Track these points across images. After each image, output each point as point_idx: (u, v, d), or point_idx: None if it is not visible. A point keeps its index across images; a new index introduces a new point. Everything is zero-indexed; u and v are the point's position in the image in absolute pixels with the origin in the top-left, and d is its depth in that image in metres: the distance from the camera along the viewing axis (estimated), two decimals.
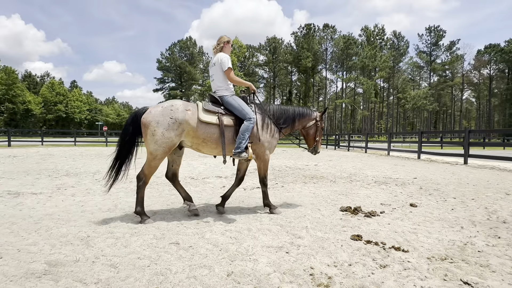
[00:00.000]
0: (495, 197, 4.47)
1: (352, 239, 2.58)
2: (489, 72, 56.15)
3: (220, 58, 3.33)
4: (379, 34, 57.64)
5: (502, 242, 2.57)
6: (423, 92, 54.62)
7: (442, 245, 2.49)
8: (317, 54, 55.24)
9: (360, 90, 58.38)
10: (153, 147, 2.98)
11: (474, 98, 63.38)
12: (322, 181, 5.98)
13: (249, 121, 3.21)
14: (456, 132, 38.68)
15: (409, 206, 3.86)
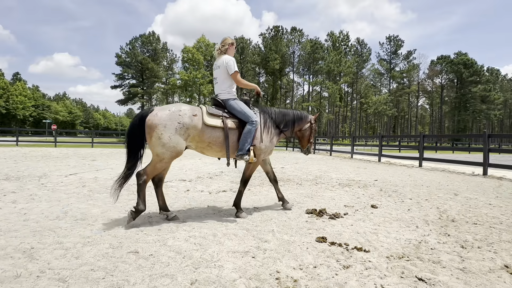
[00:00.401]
0: (446, 198, 4.92)
1: (317, 241, 2.67)
2: (440, 81, 61.87)
3: (226, 61, 3.38)
4: (344, 40, 60.67)
5: (451, 239, 2.83)
6: (384, 98, 58.50)
7: (400, 244, 2.67)
8: (285, 56, 56.51)
9: (326, 94, 60.81)
10: (160, 150, 3.00)
11: (428, 105, 69.35)
12: (289, 183, 6.11)
13: (252, 124, 3.34)
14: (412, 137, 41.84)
15: (371, 208, 4.09)
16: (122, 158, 11.93)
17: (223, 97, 3.45)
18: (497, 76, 65.22)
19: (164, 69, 56.58)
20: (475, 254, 2.46)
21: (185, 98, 48.37)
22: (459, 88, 59.03)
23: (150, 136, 2.99)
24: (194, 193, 4.87)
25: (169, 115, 3.02)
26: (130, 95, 51.68)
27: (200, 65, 45.49)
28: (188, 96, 47.15)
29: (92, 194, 4.60)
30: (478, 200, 4.79)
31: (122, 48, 52.01)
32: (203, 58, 46.52)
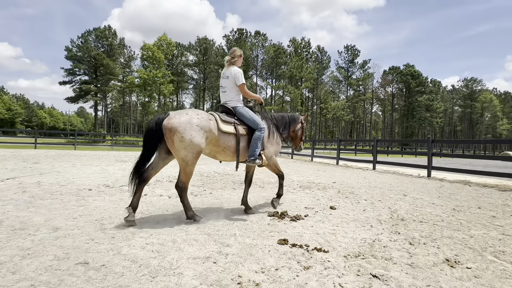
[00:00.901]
0: (396, 198, 5.32)
1: (279, 244, 2.71)
2: (392, 90, 67.13)
3: (234, 73, 3.62)
4: (306, 47, 62.97)
5: (401, 237, 3.06)
6: (342, 104, 61.76)
7: (356, 243, 2.82)
8: (249, 59, 57.00)
9: (288, 98, 62.43)
10: (183, 153, 3.12)
11: (381, 111, 74.66)
12: (251, 186, 6.12)
13: (261, 131, 3.60)
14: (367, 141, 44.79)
15: (330, 209, 4.27)
16: (71, 160, 11.01)
17: (233, 105, 3.67)
18: (438, 87, 72.48)
19: (121, 66, 53.66)
20: (421, 250, 2.69)
21: (144, 98, 46.29)
22: (407, 97, 64.58)
23: (171, 140, 3.09)
24: (152, 198, 4.66)
25: (188, 118, 3.15)
26: (82, 93, 48.09)
27: (160, 64, 43.89)
28: (148, 96, 45.18)
29: (34, 200, 4.17)
30: (424, 200, 5.26)
31: (73, 41, 48.24)
32: (164, 57, 44.98)
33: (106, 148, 22.44)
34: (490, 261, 2.46)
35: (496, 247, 2.81)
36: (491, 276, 2.17)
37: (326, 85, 69.19)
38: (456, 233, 3.24)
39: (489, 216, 4.14)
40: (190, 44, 58.21)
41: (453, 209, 4.54)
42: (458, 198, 5.52)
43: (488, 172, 7.94)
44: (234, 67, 3.71)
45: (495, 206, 4.89)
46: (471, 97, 72.88)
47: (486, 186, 7.34)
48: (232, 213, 3.82)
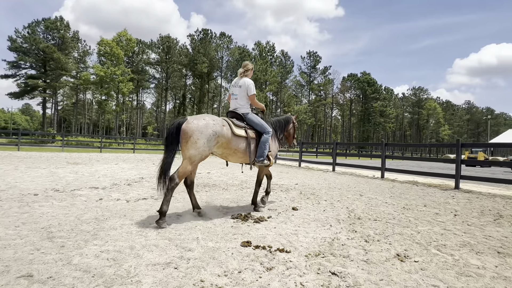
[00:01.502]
0: (353, 198, 5.62)
1: (242, 246, 2.71)
2: (350, 96, 71.04)
3: (247, 84, 4.03)
4: (270, 51, 64.08)
5: (358, 235, 3.24)
6: (304, 107, 63.82)
7: (316, 242, 2.92)
8: (213, 60, 56.49)
9: None
10: (193, 153, 3.39)
11: (340, 116, 78.54)
12: (215, 189, 6.06)
13: (268, 134, 4.05)
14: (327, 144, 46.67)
15: (292, 210, 4.37)
16: (14, 162, 9.95)
17: (243, 111, 4.05)
18: (391, 95, 78.26)
19: (75, 62, 49.91)
20: (375, 246, 2.87)
21: (101, 96, 43.50)
22: (364, 103, 68.79)
23: (186, 141, 3.37)
24: (109, 202, 4.39)
25: (205, 124, 3.45)
26: (28, 88, 43.78)
27: (119, 60, 41.57)
28: (105, 94, 42.52)
29: None
30: (378, 199, 5.62)
31: (18, 31, 43.78)
32: (123, 54, 42.69)
33: (56, 149, 20.66)
34: (434, 254, 2.70)
35: (439, 241, 3.09)
36: (434, 268, 2.39)
37: (289, 89, 70.99)
38: (406, 230, 3.51)
39: (433, 213, 4.55)
40: (152, 41, 56.07)
41: (403, 207, 4.92)
42: (407, 197, 5.99)
43: (433, 173, 8.74)
44: (247, 78, 4.13)
45: (438, 204, 5.39)
46: (419, 104, 79.75)
47: (431, 186, 8.07)
48: (195, 216, 3.74)
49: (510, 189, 8.14)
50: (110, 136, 33.25)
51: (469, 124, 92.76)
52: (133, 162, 12.33)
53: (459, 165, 7.79)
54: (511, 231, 3.67)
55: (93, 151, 21.06)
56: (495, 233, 3.53)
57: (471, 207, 5.18)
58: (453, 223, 3.96)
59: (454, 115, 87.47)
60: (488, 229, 3.69)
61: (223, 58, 59.00)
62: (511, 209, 5.19)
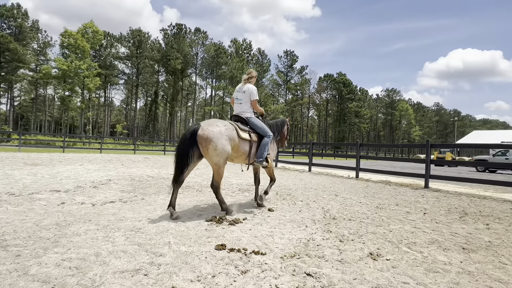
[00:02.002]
0: (329, 198, 5.77)
1: (216, 249, 2.68)
2: (326, 96, 72.87)
3: (250, 89, 4.46)
4: (247, 48, 64.16)
5: (333, 235, 3.33)
6: (281, 107, 64.54)
7: (292, 244, 2.97)
8: (188, 57, 55.52)
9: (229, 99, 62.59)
10: (216, 159, 3.79)
11: (316, 116, 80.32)
12: (188, 190, 5.97)
13: (269, 138, 4.43)
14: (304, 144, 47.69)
15: (268, 211, 4.40)
16: None
17: (247, 116, 4.44)
18: (366, 95, 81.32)
19: (34, 53, 46.96)
20: (350, 246, 2.96)
21: (63, 91, 41.22)
22: (340, 103, 70.90)
23: (206, 148, 3.72)
24: (72, 206, 4.18)
25: (219, 130, 3.81)
26: None
27: (85, 54, 39.63)
28: (68, 89, 40.34)
29: None
30: (352, 199, 5.81)
31: None
32: (89, 47, 40.76)
33: (11, 149, 19.30)
34: (404, 252, 2.84)
35: (409, 239, 3.26)
36: (405, 265, 2.51)
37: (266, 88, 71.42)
38: (379, 229, 3.66)
39: (404, 212, 4.79)
40: (121, 35, 54.09)
41: (377, 207, 5.13)
42: (380, 197, 6.25)
43: (404, 173, 9.19)
44: (250, 84, 4.55)
45: (409, 203, 5.68)
46: (392, 105, 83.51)
47: (403, 185, 8.48)
48: (166, 220, 3.66)
49: (474, 188, 8.76)
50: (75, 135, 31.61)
51: (438, 125, 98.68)
52: (100, 163, 11.82)
53: (429, 165, 8.25)
54: (474, 227, 3.94)
55: (55, 151, 19.91)
56: (460, 230, 3.78)
57: (439, 205, 5.50)
58: (423, 221, 4.19)
59: (425, 116, 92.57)
60: (455, 226, 3.94)
61: (198, 54, 58.18)
62: (475, 207, 5.58)
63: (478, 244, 3.19)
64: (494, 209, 5.37)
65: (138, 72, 54.62)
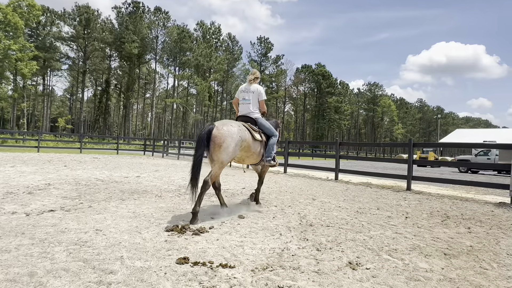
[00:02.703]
0: (305, 203, 5.89)
1: (178, 264, 2.64)
2: (304, 89, 74.31)
3: (259, 90, 5.03)
4: (215, 33, 63.62)
5: (309, 243, 3.40)
6: None
7: (264, 254, 2.99)
8: (146, 40, 53.89)
9: (194, 90, 61.83)
10: (225, 158, 4.21)
11: (293, 111, 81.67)
12: (146, 196, 5.82)
13: (276, 137, 5.10)
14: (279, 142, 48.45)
15: (238, 218, 4.40)
16: None
17: (255, 116, 4.98)
18: (346, 89, 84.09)
19: None
20: (327, 255, 3.05)
21: None
22: (318, 97, 72.63)
23: (219, 147, 4.14)
24: (0, 217, 3.90)
25: (233, 130, 4.28)
26: None
27: (18, 32, 37.02)
28: None
29: None
30: (331, 203, 5.99)
31: None
32: (23, 24, 38.17)
33: None
34: (385, 260, 2.97)
35: (390, 246, 3.42)
36: (385, 274, 2.63)
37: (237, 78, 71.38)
38: (358, 235, 3.79)
39: (386, 216, 5.01)
40: (65, 11, 51.18)
41: (357, 211, 5.32)
42: (361, 200, 6.49)
43: (386, 174, 9.62)
44: (257, 84, 5.09)
45: (390, 206, 5.95)
46: (374, 101, 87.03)
47: (384, 188, 8.88)
48: (119, 230, 3.53)
49: (457, 189, 9.38)
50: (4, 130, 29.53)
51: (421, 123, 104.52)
52: (37, 164, 11.15)
53: (411, 166, 8.70)
54: (456, 231, 4.22)
55: None
56: (442, 234, 4.03)
57: (421, 209, 5.83)
58: (404, 226, 4.41)
59: (408, 113, 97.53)
60: (436, 231, 4.20)
61: (158, 38, 56.64)
62: (457, 209, 5.98)
63: (460, 249, 3.42)
64: (475, 212, 5.79)
65: (86, 56, 52.04)
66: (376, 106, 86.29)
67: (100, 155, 19.65)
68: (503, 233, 4.30)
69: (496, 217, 5.38)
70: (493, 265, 2.99)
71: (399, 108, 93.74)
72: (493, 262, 3.07)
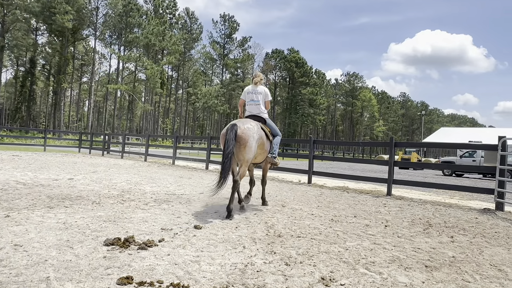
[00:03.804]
0: (274, 210, 5.98)
1: (119, 284, 2.57)
2: (274, 78, 75.09)
3: (266, 91, 6.29)
4: (170, 7, 62.43)
5: (277, 257, 3.45)
6: (215, 89, 64.48)
7: (225, 271, 2.99)
8: (83, 12, 51.66)
9: (143, 76, 60.28)
10: (250, 156, 5.36)
11: None
12: (80, 203, 5.62)
13: (280, 136, 6.34)
14: None
15: (194, 229, 4.37)
16: None
17: (265, 116, 6.17)
18: (322, 80, 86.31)
19: None
20: (297, 270, 3.11)
21: None
22: (291, 88, 73.79)
23: (244, 146, 5.22)
24: None
25: (252, 129, 5.39)
26: None
27: None
28: None
29: None
30: (303, 210, 6.12)
31: None
32: None
33: None
34: (362, 274, 3.09)
35: (367, 258, 3.56)
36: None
37: (196, 63, 70.72)
38: (333, 247, 3.91)
39: (363, 225, 5.21)
40: None
41: (331, 219, 5.48)
42: (336, 207, 6.70)
43: (365, 177, 10.00)
44: (263, 86, 6.35)
45: (369, 214, 6.20)
46: (353, 94, 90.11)
47: (362, 193, 9.22)
48: (45, 245, 3.36)
49: (440, 194, 9.96)
50: None
51: (404, 120, 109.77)
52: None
53: (392, 168, 9.11)
54: (438, 241, 4.49)
55: None
56: (423, 244, 4.27)
57: (402, 216, 6.13)
58: (384, 235, 4.61)
59: (390, 109, 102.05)
60: (418, 241, 4.43)
61: (98, 10, 54.52)
62: (440, 217, 6.35)
63: (442, 261, 3.64)
64: (459, 219, 6.18)
65: (4, 28, 48.89)
66: (355, 99, 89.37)
67: (22, 152, 18.67)
68: (487, 242, 4.63)
69: (480, 225, 5.78)
70: (476, 277, 3.21)
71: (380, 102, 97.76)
72: (476, 274, 3.30)
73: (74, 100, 73.52)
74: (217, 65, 71.51)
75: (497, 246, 4.46)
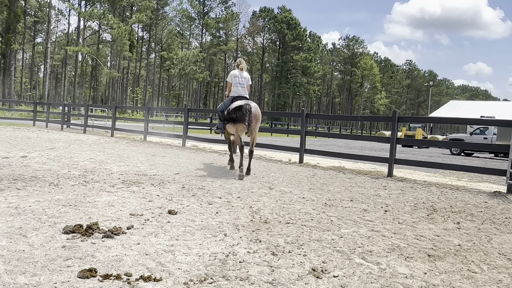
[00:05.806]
0: (260, 193, 6.02)
1: (80, 278, 2.56)
2: (262, 41, 74.25)
3: (248, 77, 8.68)
4: None
5: (262, 246, 3.49)
6: (194, 54, 63.45)
7: (203, 261, 3.01)
8: None
9: (108, 36, 58.78)
10: (257, 129, 8.09)
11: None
12: (35, 184, 5.56)
13: None
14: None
15: (168, 214, 4.37)
16: None
17: (248, 97, 8.29)
18: (318, 44, 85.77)
19: None
20: (285, 260, 3.15)
21: None
22: (282, 53, 73.21)
23: (257, 122, 7.90)
24: None
25: (257, 106, 8.00)
26: None
27: None
28: None
29: None
30: (293, 193, 6.18)
31: None
32: None
33: None
34: (357, 265, 3.15)
35: (364, 247, 3.63)
36: (357, 283, 2.79)
37: (171, 22, 69.14)
38: (326, 234, 3.97)
39: (361, 209, 5.30)
40: None
41: (325, 203, 5.55)
42: (330, 190, 6.78)
43: (364, 156, 10.12)
44: (246, 72, 8.61)
45: (367, 197, 6.30)
46: (352, 61, 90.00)
47: (360, 174, 9.34)
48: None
49: (447, 176, 10.17)
50: None
51: (409, 91, 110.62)
52: None
53: (394, 146, 9.22)
54: (443, 227, 4.60)
55: None
56: (427, 231, 4.37)
57: (404, 200, 6.25)
58: (383, 221, 4.70)
59: (393, 78, 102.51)
60: (420, 227, 4.53)
61: None
62: (446, 200, 6.51)
63: (446, 249, 3.74)
64: (467, 203, 6.34)
65: None
66: (354, 67, 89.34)
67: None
68: (496, 228, 4.77)
69: (489, 210, 5.95)
70: (483, 267, 3.32)
71: (383, 71, 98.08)
72: (483, 263, 3.41)
73: (27, 64, 71.53)
74: (195, 25, 70.13)
75: (508, 233, 4.61)
